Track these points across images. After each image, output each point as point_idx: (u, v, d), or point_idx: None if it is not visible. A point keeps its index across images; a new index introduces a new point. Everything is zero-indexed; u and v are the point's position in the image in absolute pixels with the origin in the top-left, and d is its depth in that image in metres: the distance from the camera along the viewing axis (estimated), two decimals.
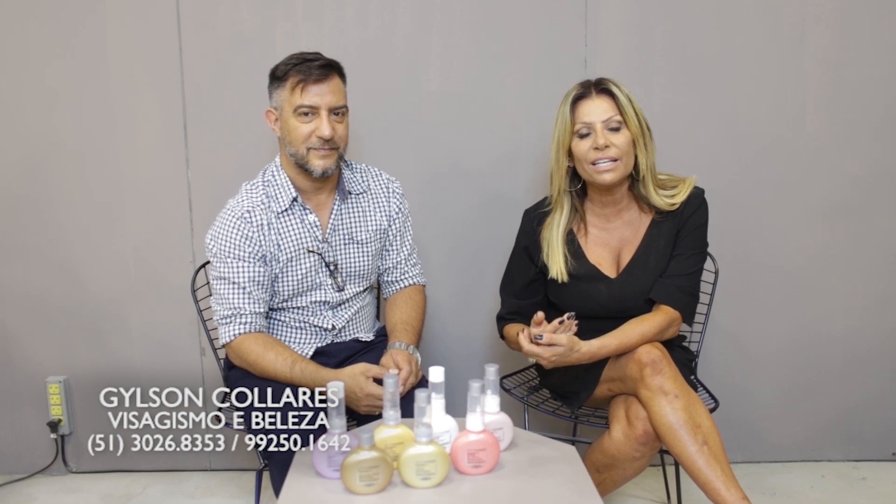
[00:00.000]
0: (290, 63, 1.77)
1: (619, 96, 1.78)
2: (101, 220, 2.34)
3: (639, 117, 1.79)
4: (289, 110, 1.76)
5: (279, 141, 1.84)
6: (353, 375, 1.70)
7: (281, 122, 1.79)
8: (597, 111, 1.79)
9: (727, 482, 1.58)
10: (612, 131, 1.78)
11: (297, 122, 1.76)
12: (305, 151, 1.77)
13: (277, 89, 1.78)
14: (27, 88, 2.27)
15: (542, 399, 2.00)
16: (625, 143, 1.78)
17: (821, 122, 2.29)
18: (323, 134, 1.75)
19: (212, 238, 1.80)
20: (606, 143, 1.77)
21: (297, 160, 1.79)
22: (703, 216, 1.85)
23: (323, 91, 1.75)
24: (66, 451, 2.45)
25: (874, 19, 2.24)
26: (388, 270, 1.99)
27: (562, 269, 1.85)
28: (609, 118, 1.78)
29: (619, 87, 1.79)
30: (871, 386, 2.42)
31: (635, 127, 1.78)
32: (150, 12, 2.24)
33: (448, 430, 1.42)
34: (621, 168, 1.79)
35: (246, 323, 1.79)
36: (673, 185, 1.86)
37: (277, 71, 1.78)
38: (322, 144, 1.76)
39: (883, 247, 2.35)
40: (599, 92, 1.80)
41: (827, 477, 2.38)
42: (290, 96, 1.75)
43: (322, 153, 1.77)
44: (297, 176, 1.83)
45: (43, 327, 2.40)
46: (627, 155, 1.79)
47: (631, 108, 1.78)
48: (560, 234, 1.87)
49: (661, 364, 1.66)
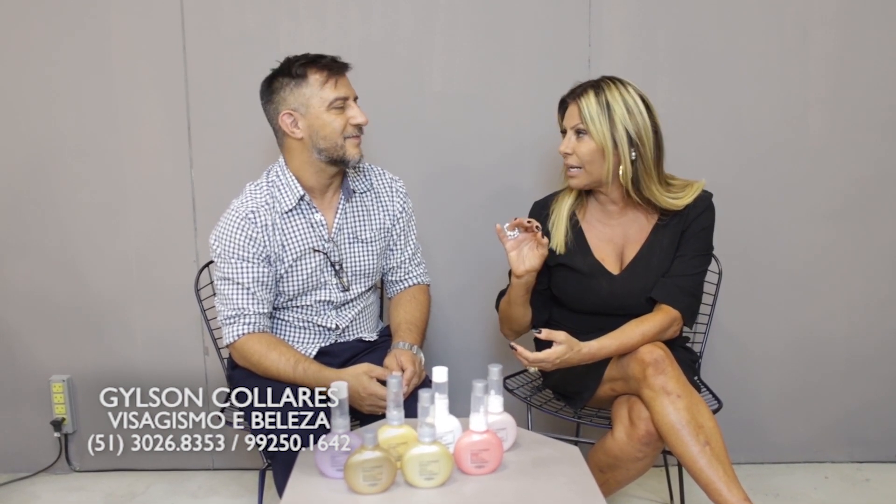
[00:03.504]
0: (299, 62, 1.76)
1: (584, 107, 1.77)
2: (105, 219, 2.35)
3: (613, 128, 1.75)
4: (320, 106, 1.75)
5: (292, 143, 1.79)
6: (357, 376, 1.70)
7: (308, 121, 1.76)
8: (569, 117, 1.82)
9: (729, 483, 1.57)
10: (578, 139, 1.79)
11: (332, 115, 1.75)
12: (343, 141, 1.77)
13: (297, 89, 1.75)
14: (30, 87, 2.28)
15: (545, 399, 2.00)
16: (587, 153, 1.78)
17: (824, 123, 2.28)
18: (360, 121, 1.78)
19: (216, 239, 1.81)
20: (566, 151, 1.81)
21: (329, 154, 1.77)
22: (710, 219, 1.85)
23: (346, 82, 1.79)
24: (70, 449, 2.46)
25: (878, 20, 2.23)
26: (392, 270, 1.99)
27: (561, 241, 1.86)
28: (575, 125, 1.80)
29: (593, 97, 1.76)
30: (874, 387, 2.42)
31: (600, 137, 1.76)
32: (154, 11, 2.24)
33: (451, 431, 1.43)
34: (584, 176, 1.81)
35: (250, 323, 1.79)
36: (682, 187, 1.85)
37: (293, 71, 1.75)
38: (357, 132, 1.79)
39: (887, 248, 2.35)
40: (574, 98, 1.81)
41: (830, 478, 2.38)
42: (321, 91, 1.74)
43: (357, 141, 1.79)
44: (314, 174, 1.81)
45: (46, 326, 2.40)
46: (591, 164, 1.79)
47: (601, 118, 1.75)
48: (566, 210, 1.89)
49: (664, 364, 1.66)
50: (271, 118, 1.81)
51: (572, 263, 1.87)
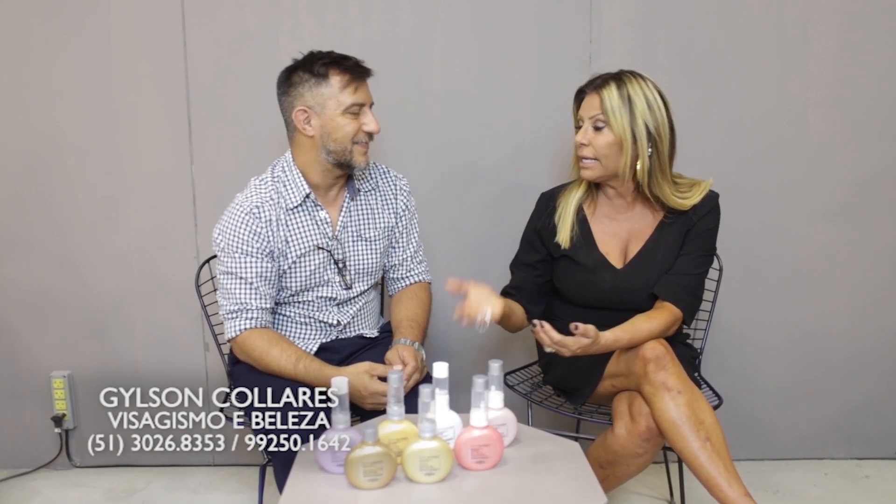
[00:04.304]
0: (324, 60, 1.74)
1: (606, 99, 1.75)
2: (105, 216, 2.35)
3: (633, 122, 1.74)
4: (335, 108, 1.74)
5: (302, 139, 1.79)
6: (358, 374, 1.70)
7: (321, 121, 1.75)
8: (587, 107, 1.80)
9: (730, 479, 1.58)
10: (596, 130, 1.78)
11: (346, 119, 1.75)
12: (351, 147, 1.77)
13: (316, 87, 1.74)
14: (30, 85, 2.28)
15: (545, 395, 2.01)
16: (605, 145, 1.77)
17: (824, 121, 2.28)
18: (373, 129, 1.77)
19: (220, 233, 1.80)
20: (583, 142, 1.79)
21: (337, 157, 1.77)
22: (715, 220, 1.85)
23: (366, 87, 1.78)
24: (70, 445, 2.46)
25: (878, 18, 2.23)
26: (394, 267, 1.99)
27: (567, 235, 1.86)
28: (594, 116, 1.78)
29: (615, 89, 1.75)
30: (874, 384, 2.42)
31: (620, 130, 1.75)
32: (154, 8, 2.23)
33: (452, 426, 1.43)
34: (599, 168, 1.80)
35: (252, 318, 1.79)
36: (689, 186, 1.85)
37: (315, 69, 1.74)
38: (368, 139, 1.79)
39: (886, 245, 2.35)
40: (595, 89, 1.79)
41: (830, 475, 2.38)
42: (340, 94, 1.73)
43: (365, 148, 1.79)
44: (320, 173, 1.81)
45: (47, 323, 2.40)
46: (607, 157, 1.78)
47: (622, 111, 1.74)
48: (574, 204, 1.88)
49: (665, 360, 1.66)
50: (285, 110, 1.80)
51: (576, 256, 1.87)
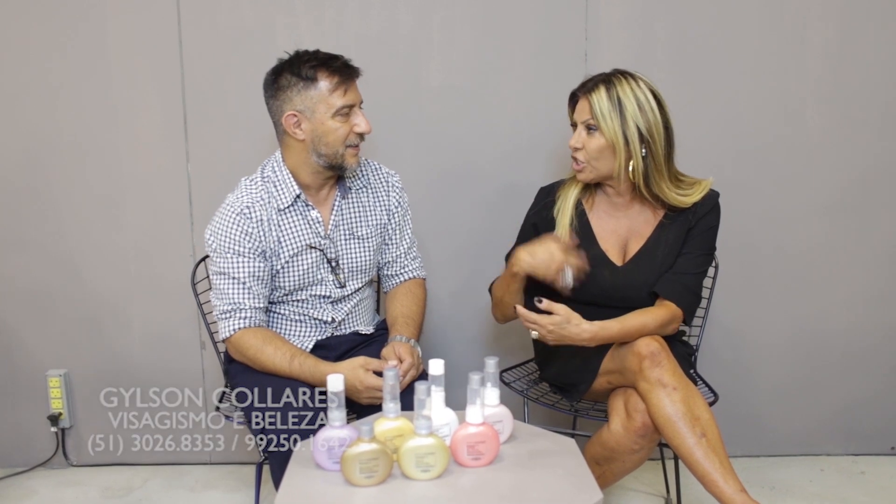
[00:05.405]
0: (311, 63, 1.71)
1: (595, 103, 1.75)
2: (102, 214, 2.34)
3: (624, 125, 1.73)
4: (326, 112, 1.72)
5: (292, 142, 1.77)
6: (353, 368, 1.70)
7: (312, 125, 1.73)
8: (579, 112, 1.81)
9: (725, 474, 1.58)
10: (589, 134, 1.78)
11: (337, 122, 1.73)
12: (343, 150, 1.76)
13: (304, 91, 1.71)
14: (27, 82, 2.27)
15: (541, 392, 2.01)
16: (596, 149, 1.77)
17: (822, 118, 2.29)
18: (364, 129, 1.76)
19: (211, 233, 1.80)
20: (576, 146, 1.80)
21: (329, 160, 1.76)
22: (715, 219, 1.85)
23: (355, 87, 1.76)
24: (67, 444, 2.46)
25: (875, 15, 2.23)
26: (388, 264, 1.99)
27: (566, 230, 1.86)
28: (585, 121, 1.78)
29: (604, 93, 1.74)
30: (870, 381, 2.43)
31: (611, 134, 1.75)
32: (151, 6, 2.23)
33: (448, 423, 1.43)
34: (589, 171, 1.81)
35: (245, 318, 1.79)
36: (691, 184, 1.85)
37: (302, 72, 1.71)
38: (359, 141, 1.77)
39: (883, 242, 2.36)
40: (585, 93, 1.79)
41: (826, 471, 2.39)
42: (329, 97, 1.71)
43: (356, 150, 1.78)
44: (310, 174, 1.80)
45: (43, 321, 2.40)
46: (597, 160, 1.78)
47: (612, 115, 1.73)
48: (572, 199, 1.88)
49: (660, 356, 1.66)
50: (274, 114, 1.78)
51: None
